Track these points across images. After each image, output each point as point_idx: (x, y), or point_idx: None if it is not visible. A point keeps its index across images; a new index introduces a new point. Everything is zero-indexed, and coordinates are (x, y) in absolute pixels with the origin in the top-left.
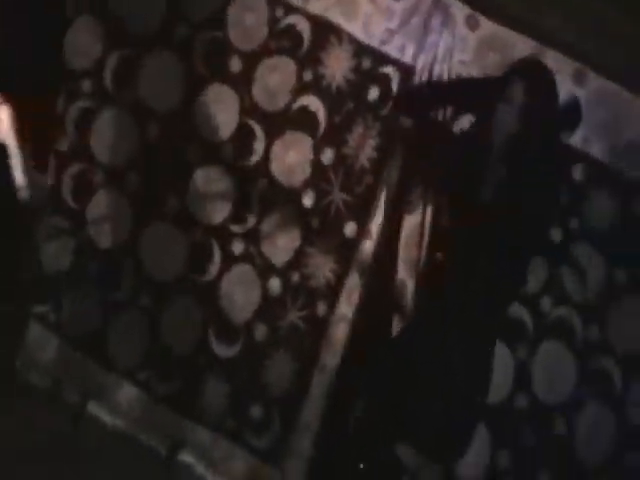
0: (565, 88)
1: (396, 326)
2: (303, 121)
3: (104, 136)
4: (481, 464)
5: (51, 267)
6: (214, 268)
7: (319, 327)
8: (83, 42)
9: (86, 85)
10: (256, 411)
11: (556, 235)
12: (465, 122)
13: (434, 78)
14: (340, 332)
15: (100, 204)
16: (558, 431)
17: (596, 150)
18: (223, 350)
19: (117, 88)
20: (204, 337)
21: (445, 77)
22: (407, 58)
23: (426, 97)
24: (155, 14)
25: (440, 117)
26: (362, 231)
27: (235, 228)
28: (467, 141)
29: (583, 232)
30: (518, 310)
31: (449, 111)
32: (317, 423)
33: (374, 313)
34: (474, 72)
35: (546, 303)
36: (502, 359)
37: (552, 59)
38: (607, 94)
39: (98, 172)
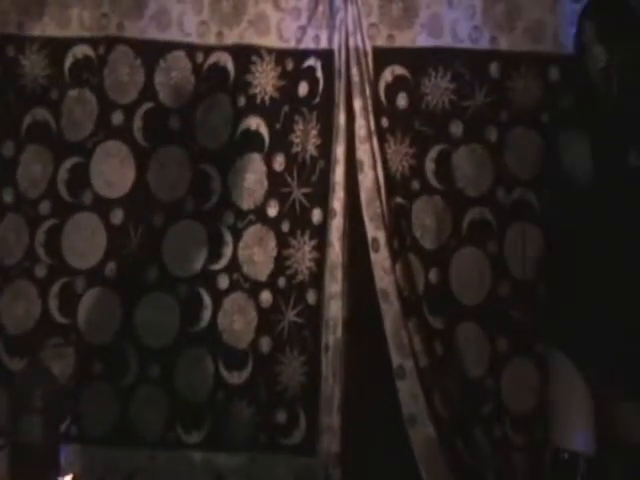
0: None
1: None
2: (249, 142)
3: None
4: None
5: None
6: (207, 313)
7: (315, 314)
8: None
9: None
10: (282, 417)
11: None
12: None
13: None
14: (334, 310)
15: (86, 306)
16: None
17: None
18: (236, 377)
19: None
20: (217, 374)
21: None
22: (323, 44)
23: None
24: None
25: None
26: (327, 212)
27: (216, 266)
28: None
29: None
30: None
31: None
32: (337, 400)
33: (360, 279)
34: (384, 29)
35: None
36: None
37: None
38: None
39: (78, 279)
